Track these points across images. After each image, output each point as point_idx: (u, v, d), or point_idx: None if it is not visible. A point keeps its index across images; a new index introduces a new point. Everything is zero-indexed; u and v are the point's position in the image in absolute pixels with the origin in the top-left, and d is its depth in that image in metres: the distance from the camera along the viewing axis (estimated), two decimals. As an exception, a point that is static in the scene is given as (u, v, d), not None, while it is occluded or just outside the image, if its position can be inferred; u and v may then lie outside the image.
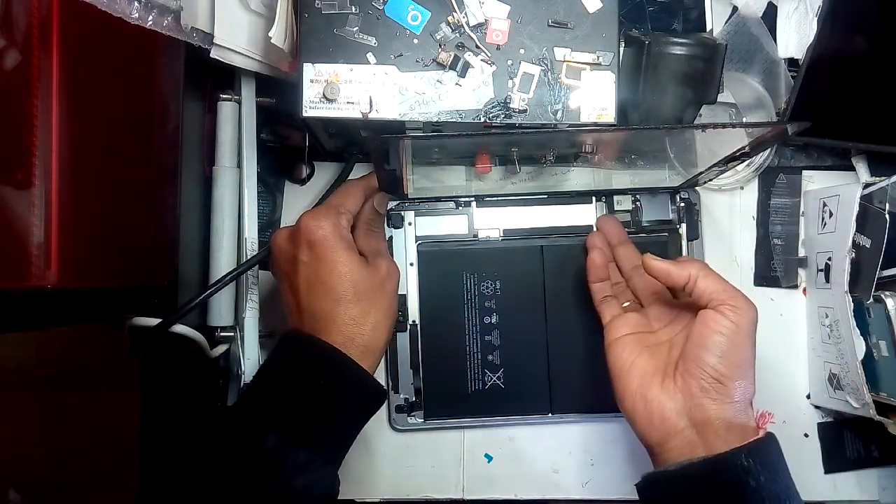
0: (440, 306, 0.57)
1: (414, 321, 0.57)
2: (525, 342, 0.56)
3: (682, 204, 0.58)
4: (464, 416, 0.57)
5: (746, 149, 0.47)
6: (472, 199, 0.57)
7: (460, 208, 0.58)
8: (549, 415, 0.57)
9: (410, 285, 0.57)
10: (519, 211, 0.58)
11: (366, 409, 0.46)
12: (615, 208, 0.57)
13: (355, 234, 0.48)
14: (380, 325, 0.45)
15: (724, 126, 0.52)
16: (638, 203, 0.58)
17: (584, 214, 0.58)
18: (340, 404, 0.43)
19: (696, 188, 0.58)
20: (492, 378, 0.56)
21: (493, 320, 0.56)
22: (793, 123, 0.43)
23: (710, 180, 0.57)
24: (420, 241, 0.57)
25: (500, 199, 0.58)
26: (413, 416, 0.56)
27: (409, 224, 0.57)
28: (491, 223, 0.57)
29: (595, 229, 0.56)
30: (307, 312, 0.45)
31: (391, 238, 0.57)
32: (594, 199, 0.58)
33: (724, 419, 0.42)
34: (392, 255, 0.57)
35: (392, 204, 0.57)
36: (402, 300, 0.56)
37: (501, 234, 0.57)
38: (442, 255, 0.57)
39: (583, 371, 0.56)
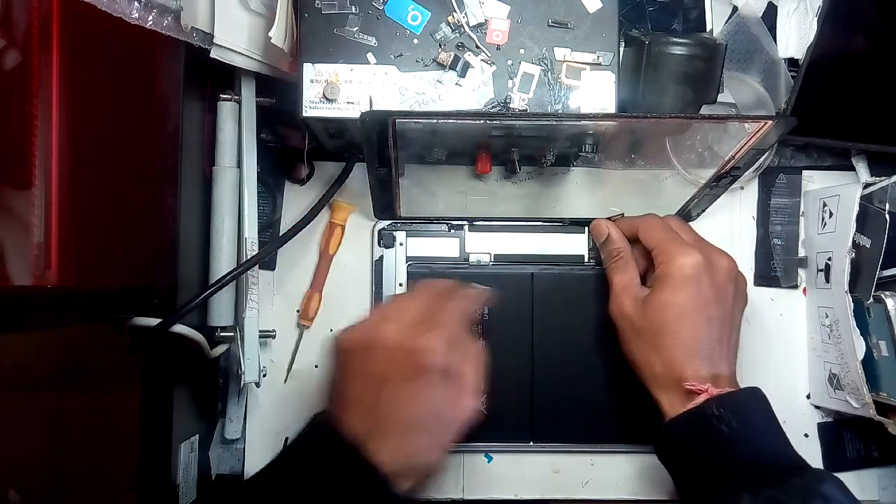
0: None
1: None
2: (510, 369, 0.56)
3: None
4: None
5: (738, 164, 0.47)
6: (465, 222, 0.57)
7: (452, 231, 0.57)
8: (531, 443, 0.57)
9: None
10: (511, 237, 0.57)
11: None
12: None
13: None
14: (440, 461, 0.44)
15: (725, 118, 0.52)
16: None
17: (576, 243, 0.57)
18: None
19: (689, 223, 0.58)
20: None
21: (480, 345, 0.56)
22: (789, 119, 0.43)
23: (703, 211, 0.57)
24: (410, 262, 0.57)
25: (492, 223, 0.57)
26: None
27: (401, 244, 0.57)
28: (482, 247, 0.57)
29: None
30: (374, 412, 0.42)
31: (381, 258, 0.57)
32: (586, 228, 0.57)
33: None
34: (382, 275, 0.56)
35: (384, 224, 0.57)
36: None
37: (492, 259, 0.57)
38: (432, 277, 0.56)
39: (566, 401, 0.56)
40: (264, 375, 0.56)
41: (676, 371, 0.47)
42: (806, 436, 0.59)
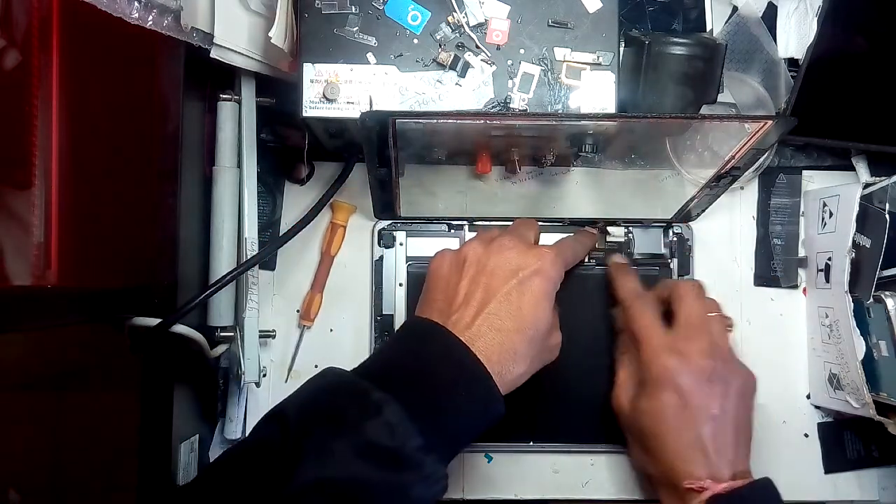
0: None
1: None
2: None
3: (675, 238, 0.58)
4: None
5: (738, 164, 0.47)
6: (465, 222, 0.57)
7: (452, 231, 0.57)
8: (531, 443, 0.57)
9: (399, 306, 0.56)
10: None
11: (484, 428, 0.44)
12: (607, 239, 0.57)
13: None
14: (525, 377, 0.45)
15: (725, 118, 0.52)
16: (630, 235, 0.57)
17: None
18: (470, 421, 0.42)
19: (690, 223, 0.58)
20: None
21: None
22: (789, 119, 0.43)
23: (703, 211, 0.57)
24: (410, 262, 0.57)
25: (492, 223, 0.57)
26: None
27: (401, 244, 0.57)
28: None
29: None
30: (484, 316, 0.43)
31: (382, 258, 0.57)
32: (587, 228, 0.57)
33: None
34: (382, 275, 0.57)
35: (384, 224, 0.57)
36: (390, 321, 0.56)
37: None
38: None
39: (566, 401, 0.56)
40: (264, 375, 0.56)
41: (669, 473, 0.47)
42: (806, 436, 0.59)
